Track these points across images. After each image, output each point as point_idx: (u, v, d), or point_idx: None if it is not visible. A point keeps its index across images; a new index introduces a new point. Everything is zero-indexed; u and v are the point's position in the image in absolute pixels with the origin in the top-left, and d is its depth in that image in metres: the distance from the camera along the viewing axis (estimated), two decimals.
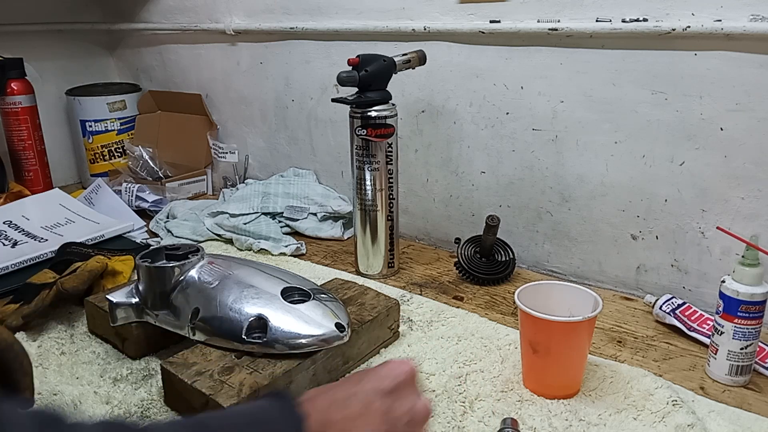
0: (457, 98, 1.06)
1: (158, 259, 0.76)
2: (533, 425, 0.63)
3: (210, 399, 0.59)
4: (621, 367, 0.72)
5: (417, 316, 0.85)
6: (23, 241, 1.05)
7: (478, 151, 1.06)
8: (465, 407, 0.65)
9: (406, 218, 1.17)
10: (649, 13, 0.84)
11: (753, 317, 0.67)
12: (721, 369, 0.70)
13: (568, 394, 0.67)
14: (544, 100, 0.96)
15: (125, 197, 1.29)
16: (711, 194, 0.85)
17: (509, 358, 0.74)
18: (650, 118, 0.87)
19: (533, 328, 0.66)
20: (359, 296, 0.80)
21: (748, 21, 0.77)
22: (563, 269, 1.02)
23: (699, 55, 0.82)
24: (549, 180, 0.99)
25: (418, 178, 1.15)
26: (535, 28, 0.93)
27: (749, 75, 0.79)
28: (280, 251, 1.08)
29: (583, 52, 0.91)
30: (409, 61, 0.95)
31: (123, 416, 0.47)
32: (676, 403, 0.65)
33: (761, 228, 0.82)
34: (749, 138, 0.81)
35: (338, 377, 0.71)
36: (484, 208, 1.07)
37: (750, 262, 0.66)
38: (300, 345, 0.65)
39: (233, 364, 0.65)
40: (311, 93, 1.23)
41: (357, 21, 1.13)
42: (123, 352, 0.76)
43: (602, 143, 0.93)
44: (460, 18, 1.01)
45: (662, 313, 0.82)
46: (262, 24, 1.27)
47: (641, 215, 0.92)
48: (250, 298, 0.68)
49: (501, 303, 0.90)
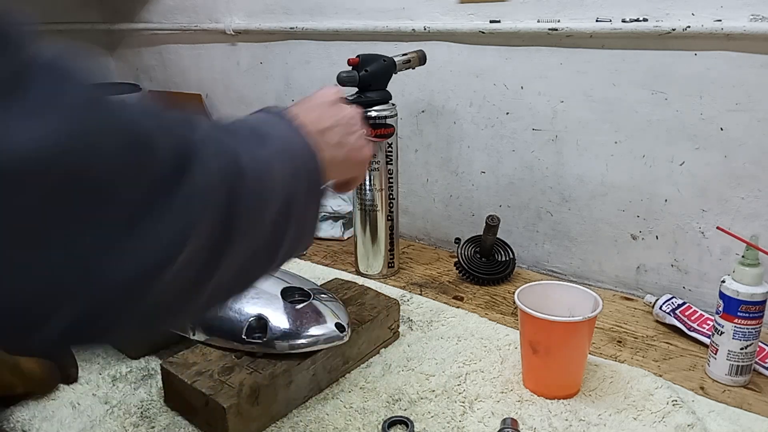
0: (457, 98, 1.06)
1: None
2: (533, 425, 0.62)
3: (210, 399, 0.59)
4: (621, 367, 0.72)
5: (417, 316, 0.85)
6: None
7: (478, 151, 1.06)
8: (465, 407, 0.65)
9: (406, 218, 1.17)
10: (649, 13, 0.84)
11: (753, 317, 0.67)
12: (721, 369, 0.70)
13: (568, 394, 0.67)
14: (544, 100, 0.96)
15: None
16: (711, 194, 0.85)
17: (509, 358, 0.74)
18: (650, 118, 0.87)
19: (533, 328, 0.66)
20: (359, 296, 0.80)
21: (748, 21, 0.77)
22: (563, 269, 1.02)
23: (699, 55, 0.82)
24: (549, 180, 0.99)
25: (418, 178, 1.14)
26: (535, 28, 0.93)
27: (749, 75, 0.79)
28: None
29: (583, 52, 0.91)
30: (409, 61, 0.95)
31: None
32: (676, 403, 0.65)
33: (761, 228, 0.81)
34: (749, 138, 0.81)
35: (338, 377, 0.71)
36: (484, 208, 1.07)
37: (750, 262, 0.66)
38: (300, 345, 0.65)
39: (233, 364, 0.65)
40: (311, 93, 1.22)
41: (357, 21, 1.13)
42: (123, 352, 0.76)
43: (602, 143, 0.93)
44: (460, 18, 1.01)
45: (662, 313, 0.82)
46: (262, 24, 1.27)
47: (641, 215, 0.92)
48: (250, 298, 0.68)
49: (501, 303, 0.90)
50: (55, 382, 0.69)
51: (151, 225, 0.31)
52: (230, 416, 0.59)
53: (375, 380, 0.70)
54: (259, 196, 0.40)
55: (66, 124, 0.27)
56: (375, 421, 0.63)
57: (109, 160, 0.29)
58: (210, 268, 0.36)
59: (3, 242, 0.27)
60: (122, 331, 0.35)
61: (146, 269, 0.31)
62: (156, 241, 0.31)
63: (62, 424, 0.64)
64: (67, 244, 0.28)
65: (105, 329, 0.32)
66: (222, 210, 0.35)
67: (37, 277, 0.28)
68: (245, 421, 0.60)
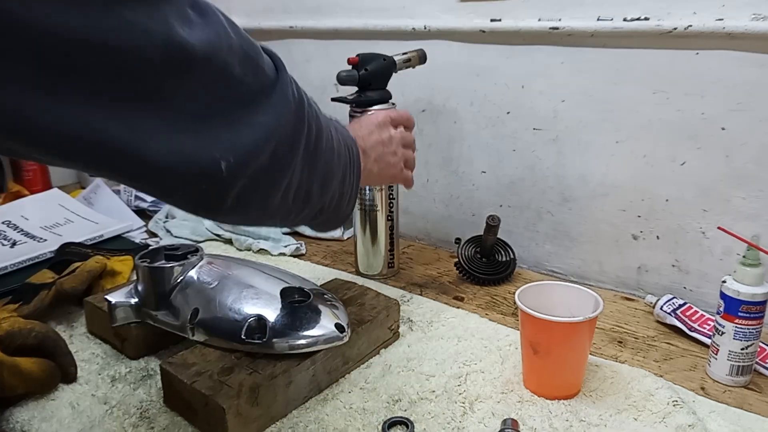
0: (458, 97, 1.05)
1: (157, 259, 0.76)
2: (533, 426, 0.62)
3: (210, 399, 0.59)
4: (622, 367, 0.72)
5: (417, 317, 0.85)
6: (22, 241, 1.05)
7: (478, 151, 1.06)
8: (465, 408, 0.65)
9: (406, 218, 1.17)
10: (651, 12, 0.83)
11: (754, 317, 0.66)
12: (721, 369, 0.69)
13: (569, 394, 0.67)
14: (545, 99, 0.96)
15: (124, 197, 1.29)
16: (712, 194, 0.85)
17: (509, 359, 0.74)
18: (651, 117, 0.87)
19: (534, 329, 0.66)
20: (359, 296, 0.80)
21: (750, 20, 0.76)
22: (564, 269, 1.02)
23: (700, 54, 0.81)
24: (550, 180, 0.99)
25: (418, 178, 1.14)
26: (536, 26, 0.93)
27: (751, 74, 0.78)
28: (279, 251, 1.08)
29: (584, 51, 0.91)
30: (409, 60, 0.94)
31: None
32: (677, 404, 0.64)
33: (762, 228, 0.81)
34: (751, 137, 0.80)
35: (338, 378, 0.70)
36: (485, 208, 1.07)
37: (751, 262, 0.66)
38: (299, 345, 0.65)
39: (233, 364, 0.64)
40: (311, 93, 1.21)
41: (357, 20, 1.13)
42: (122, 353, 0.76)
43: (603, 143, 0.92)
44: (461, 17, 1.01)
45: (663, 313, 0.82)
46: (261, 23, 1.27)
47: (642, 215, 0.92)
48: (249, 299, 0.68)
49: (501, 303, 0.90)
50: (55, 382, 0.69)
51: (259, 111, 0.44)
52: (230, 417, 0.58)
53: (375, 381, 0.70)
54: (318, 128, 0.53)
55: (216, 28, 0.40)
56: (375, 421, 0.63)
57: (238, 61, 0.41)
58: (287, 160, 0.48)
59: (199, 116, 0.39)
60: (252, 189, 0.45)
61: (257, 140, 0.43)
62: (261, 122, 0.44)
63: (61, 425, 0.63)
64: (224, 115, 0.41)
65: (247, 184, 0.44)
66: (294, 122, 0.48)
67: (214, 140, 0.40)
68: (245, 421, 0.60)
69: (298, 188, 0.51)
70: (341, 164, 0.59)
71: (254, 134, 0.43)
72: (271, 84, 0.45)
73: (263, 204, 0.48)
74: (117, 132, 0.35)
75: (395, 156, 0.74)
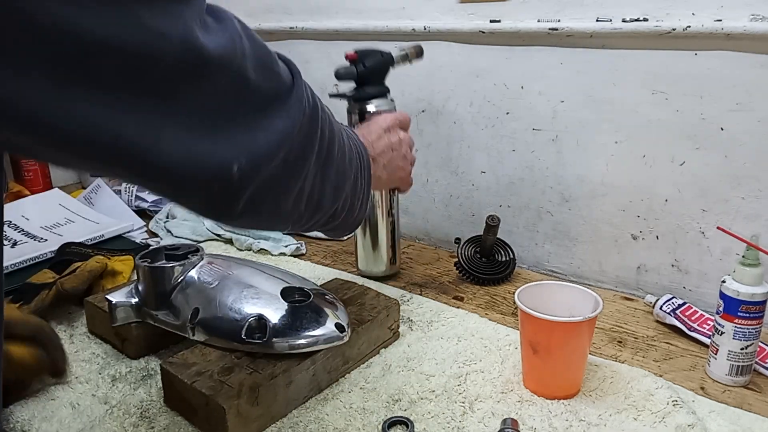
0: (457, 98, 1.06)
1: (158, 259, 0.76)
2: (533, 426, 0.62)
3: (210, 399, 0.59)
4: (621, 367, 0.72)
5: (417, 316, 0.85)
6: (23, 241, 1.05)
7: (478, 151, 1.06)
8: (465, 408, 0.65)
9: (406, 218, 1.17)
10: (650, 13, 0.83)
11: (753, 317, 0.67)
12: (721, 369, 0.69)
13: (569, 394, 0.67)
14: (544, 99, 0.96)
15: (125, 197, 1.29)
16: (711, 194, 0.85)
17: (509, 359, 0.74)
18: (650, 117, 0.87)
19: (533, 329, 0.66)
20: (359, 296, 0.80)
21: (749, 21, 0.77)
22: (563, 269, 1.02)
23: (699, 54, 0.82)
24: (549, 180, 0.99)
25: (418, 178, 1.14)
26: (536, 27, 0.93)
27: (750, 75, 0.79)
28: (279, 251, 1.08)
29: (583, 52, 0.91)
30: (407, 55, 0.94)
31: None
32: (677, 404, 0.64)
33: (762, 228, 0.81)
34: (750, 138, 0.81)
35: (338, 377, 0.71)
36: (485, 208, 1.07)
37: (750, 262, 0.66)
38: (300, 345, 0.65)
39: (233, 364, 0.65)
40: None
41: (357, 21, 1.13)
42: (122, 352, 0.76)
43: (602, 143, 0.92)
44: (460, 18, 1.01)
45: (663, 313, 0.82)
46: (262, 24, 1.27)
47: (642, 215, 0.92)
48: (249, 299, 0.68)
49: (501, 303, 0.90)
50: (44, 372, 0.68)
51: (274, 116, 0.44)
52: (230, 416, 0.58)
53: (375, 380, 0.70)
54: (331, 135, 0.53)
55: (232, 34, 0.40)
56: (375, 421, 0.63)
57: (254, 67, 0.42)
58: (299, 166, 0.48)
59: (213, 120, 0.40)
60: (264, 194, 0.45)
61: (270, 145, 0.44)
62: (275, 127, 0.44)
63: (62, 425, 0.64)
64: (238, 120, 0.41)
65: (259, 189, 0.44)
66: (307, 128, 0.48)
67: (227, 144, 0.40)
68: (245, 421, 0.60)
69: (311, 194, 0.51)
70: (353, 170, 0.59)
71: (267, 139, 0.43)
72: (287, 90, 0.46)
73: (275, 209, 0.49)
74: (130, 132, 0.36)
75: (405, 160, 0.74)
